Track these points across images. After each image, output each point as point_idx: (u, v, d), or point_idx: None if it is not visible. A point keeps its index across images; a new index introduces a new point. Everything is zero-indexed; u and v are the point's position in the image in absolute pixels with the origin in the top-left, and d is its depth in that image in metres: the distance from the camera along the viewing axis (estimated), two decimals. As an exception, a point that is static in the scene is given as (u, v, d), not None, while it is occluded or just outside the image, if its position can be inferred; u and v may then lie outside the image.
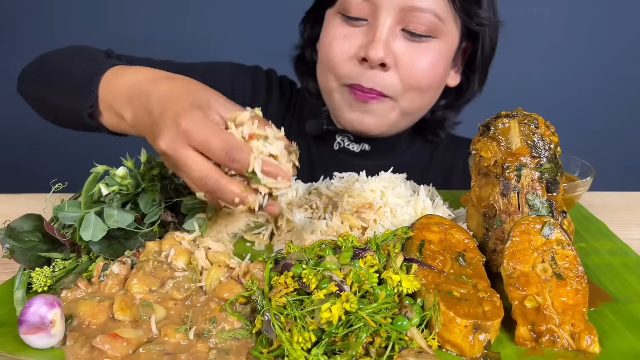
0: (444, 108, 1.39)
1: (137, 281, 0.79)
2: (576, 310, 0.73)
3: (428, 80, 1.21)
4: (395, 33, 1.17)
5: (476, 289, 0.74)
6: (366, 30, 1.19)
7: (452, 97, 1.39)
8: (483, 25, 1.23)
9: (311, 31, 1.36)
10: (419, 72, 1.19)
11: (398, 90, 1.20)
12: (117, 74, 0.98)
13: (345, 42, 1.20)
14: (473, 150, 0.92)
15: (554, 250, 0.79)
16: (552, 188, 0.86)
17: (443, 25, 1.17)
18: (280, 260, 0.81)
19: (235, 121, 0.79)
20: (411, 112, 1.27)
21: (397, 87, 1.19)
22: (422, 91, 1.23)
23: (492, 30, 1.28)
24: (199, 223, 0.93)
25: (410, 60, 1.18)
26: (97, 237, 0.85)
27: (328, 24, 1.25)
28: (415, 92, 1.22)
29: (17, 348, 0.69)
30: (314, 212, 1.00)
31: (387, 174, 1.05)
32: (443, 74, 1.25)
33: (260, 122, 0.80)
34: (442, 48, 1.21)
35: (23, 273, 0.84)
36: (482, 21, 1.22)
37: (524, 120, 0.88)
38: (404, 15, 1.15)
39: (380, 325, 0.67)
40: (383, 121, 1.25)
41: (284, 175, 0.79)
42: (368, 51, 1.15)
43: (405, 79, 1.19)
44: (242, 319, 0.73)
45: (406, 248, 0.83)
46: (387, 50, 1.15)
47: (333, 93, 1.26)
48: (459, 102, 1.39)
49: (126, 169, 0.93)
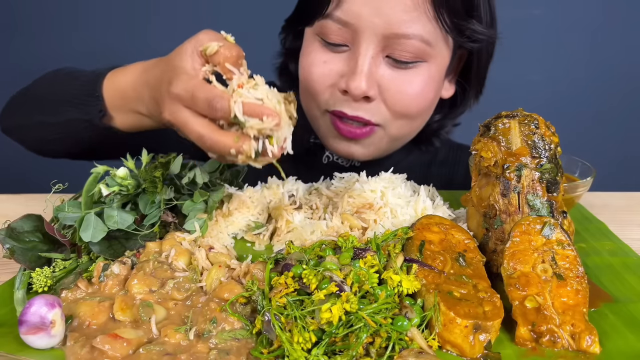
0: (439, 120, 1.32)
1: (137, 281, 0.79)
2: (576, 310, 0.73)
3: (417, 107, 1.13)
4: (378, 61, 1.06)
5: (476, 289, 0.74)
6: (347, 57, 1.08)
7: (447, 109, 1.31)
8: (478, 41, 1.13)
9: (293, 42, 1.27)
10: (407, 100, 1.10)
11: (386, 117, 1.12)
12: (116, 75, 1.00)
13: (325, 69, 1.10)
14: (473, 150, 0.92)
15: (554, 250, 0.79)
16: (552, 188, 0.86)
17: (431, 48, 1.07)
18: (280, 260, 0.81)
19: (206, 52, 0.80)
20: (401, 137, 1.21)
21: (384, 114, 1.11)
22: (412, 117, 1.15)
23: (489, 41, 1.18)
24: (199, 223, 0.93)
25: (397, 89, 1.08)
26: (97, 238, 0.85)
27: (307, 46, 1.14)
28: (404, 118, 1.14)
29: (17, 348, 0.69)
30: (313, 212, 1.00)
31: (387, 174, 1.05)
32: (434, 96, 1.16)
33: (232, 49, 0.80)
34: (432, 70, 1.10)
35: (23, 273, 0.84)
36: (477, 36, 1.11)
37: (524, 120, 0.88)
38: (387, 42, 1.04)
39: (380, 325, 0.67)
40: (371, 150, 1.19)
41: (268, 112, 0.76)
42: (349, 83, 1.05)
43: (392, 108, 1.10)
44: (242, 319, 0.73)
45: (406, 248, 0.83)
46: (370, 82, 1.06)
47: (316, 119, 1.19)
48: (454, 113, 1.32)
49: (126, 169, 0.93)
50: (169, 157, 0.99)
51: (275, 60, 1.35)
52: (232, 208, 0.99)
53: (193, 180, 0.94)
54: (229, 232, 0.98)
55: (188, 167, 0.97)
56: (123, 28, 2.43)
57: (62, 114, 1.05)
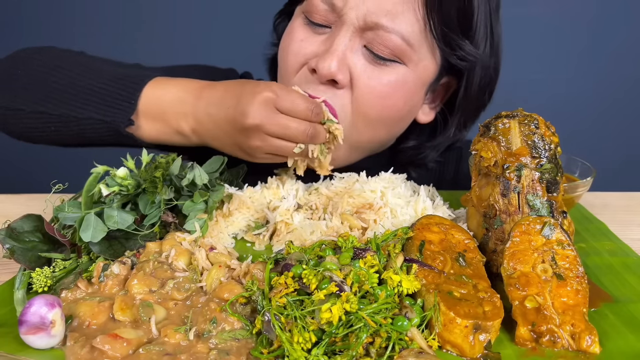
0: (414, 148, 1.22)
1: (137, 281, 0.79)
2: (576, 310, 0.73)
3: (379, 109, 1.04)
4: (354, 48, 1.02)
5: (476, 289, 0.74)
6: (325, 39, 1.04)
7: (425, 136, 1.22)
8: (466, 61, 1.06)
9: (282, 25, 1.21)
10: (372, 97, 1.03)
11: (347, 111, 1.04)
12: (158, 85, 1.00)
13: (301, 46, 1.05)
14: (473, 150, 0.92)
15: (554, 250, 0.79)
16: (552, 188, 0.86)
17: (412, 51, 1.01)
18: (280, 260, 0.81)
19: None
20: (361, 146, 1.11)
21: (346, 107, 1.04)
22: (370, 121, 1.06)
23: (483, 68, 1.10)
24: (199, 223, 0.93)
25: (366, 83, 1.02)
26: (97, 238, 0.85)
27: (292, 23, 1.11)
28: (364, 120, 1.05)
29: (17, 348, 0.69)
30: (313, 212, 1.00)
31: (387, 174, 1.05)
32: (402, 105, 1.07)
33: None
34: (408, 76, 1.04)
35: (23, 273, 0.84)
36: (465, 56, 1.04)
37: (524, 120, 0.88)
38: (367, 31, 1.00)
39: (380, 325, 0.67)
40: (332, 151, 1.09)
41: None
42: (319, 61, 1.00)
43: (355, 102, 1.03)
44: (242, 319, 0.73)
45: (406, 248, 0.83)
46: (341, 65, 1.00)
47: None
48: (432, 142, 1.21)
49: (126, 169, 0.93)
50: (169, 158, 0.99)
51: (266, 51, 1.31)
52: (232, 208, 0.99)
53: (193, 181, 0.94)
54: (229, 232, 0.98)
55: (188, 168, 0.97)
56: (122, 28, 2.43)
57: (76, 109, 1.00)
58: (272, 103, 0.91)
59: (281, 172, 1.10)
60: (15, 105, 1.03)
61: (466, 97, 1.13)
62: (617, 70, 2.55)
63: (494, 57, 1.12)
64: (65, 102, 1.01)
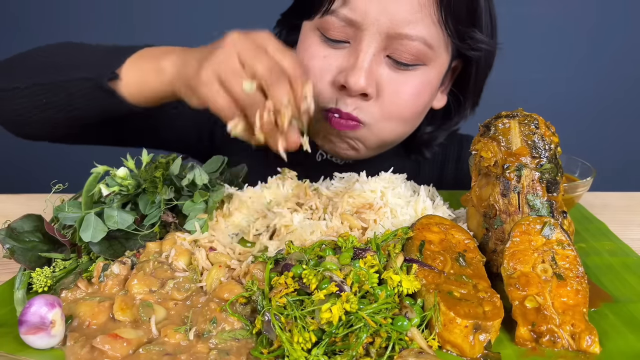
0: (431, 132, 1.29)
1: (137, 281, 0.79)
2: (576, 310, 0.73)
3: (411, 110, 1.12)
4: (379, 60, 1.06)
5: (476, 289, 0.74)
6: (347, 53, 1.07)
7: (439, 120, 1.29)
8: (478, 50, 1.12)
9: (287, 37, 1.25)
10: (402, 102, 1.09)
11: (376, 118, 1.10)
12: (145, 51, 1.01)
13: (325, 63, 1.08)
14: (473, 150, 0.92)
15: (554, 250, 0.79)
16: (552, 188, 0.86)
17: (432, 52, 1.06)
18: (280, 260, 0.81)
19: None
20: (389, 140, 1.18)
21: (375, 115, 1.09)
22: (403, 120, 1.14)
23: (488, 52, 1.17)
24: (200, 223, 0.93)
25: (394, 90, 1.07)
26: (97, 238, 0.85)
27: (306, 40, 1.12)
28: (396, 121, 1.12)
29: (17, 348, 0.69)
30: (313, 212, 1.00)
31: (387, 174, 1.05)
32: (428, 101, 1.15)
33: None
34: (430, 75, 1.10)
35: (23, 273, 0.84)
36: (478, 45, 1.11)
37: (524, 120, 0.88)
38: (389, 41, 1.04)
39: (380, 325, 0.67)
40: (361, 150, 1.17)
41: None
42: (348, 78, 1.03)
43: (387, 108, 1.09)
44: (242, 319, 0.73)
45: (406, 248, 0.83)
46: (370, 79, 1.04)
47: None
48: (448, 124, 1.29)
49: (126, 169, 0.93)
50: (169, 158, 0.99)
51: None
52: (232, 208, 0.99)
53: (193, 181, 0.94)
54: (229, 232, 0.98)
55: (188, 168, 0.97)
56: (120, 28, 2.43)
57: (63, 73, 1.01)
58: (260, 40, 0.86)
59: (283, 171, 1.10)
60: (13, 85, 1.05)
61: (477, 80, 1.20)
62: (617, 70, 2.55)
63: (494, 33, 1.17)
64: (56, 70, 1.03)
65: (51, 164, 1.96)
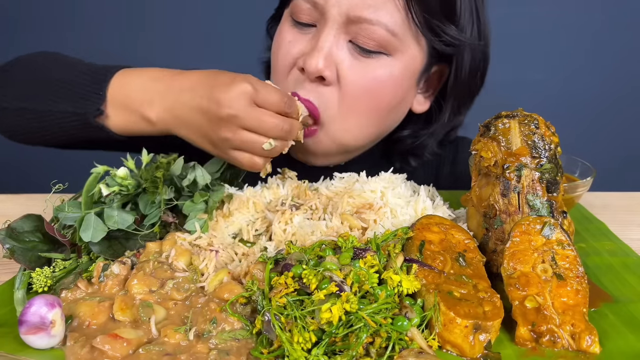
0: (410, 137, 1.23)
1: (137, 281, 0.79)
2: (576, 310, 0.73)
3: (369, 102, 1.06)
4: (340, 43, 1.03)
5: (476, 289, 0.74)
6: (311, 37, 1.06)
7: (421, 124, 1.23)
8: (452, 46, 1.07)
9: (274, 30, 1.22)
10: (361, 91, 1.04)
11: (334, 110, 1.06)
12: (129, 74, 0.99)
13: (289, 47, 1.08)
14: (473, 150, 0.92)
15: (554, 250, 0.79)
16: (552, 188, 0.86)
17: (398, 41, 1.02)
18: (280, 260, 0.81)
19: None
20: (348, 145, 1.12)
21: (333, 105, 1.05)
22: (360, 115, 1.07)
23: (471, 51, 1.11)
24: (200, 223, 0.93)
25: (354, 77, 1.03)
26: (97, 238, 0.85)
27: (279, 27, 1.13)
28: (354, 116, 1.07)
29: (17, 348, 0.69)
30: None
31: (387, 174, 1.05)
32: (390, 98, 1.08)
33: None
34: (395, 67, 1.05)
35: (23, 273, 0.84)
36: (451, 40, 1.05)
37: (524, 120, 0.88)
38: (351, 26, 1.01)
39: (380, 325, 0.67)
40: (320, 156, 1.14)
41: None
42: (306, 59, 1.02)
43: (344, 97, 1.04)
44: (242, 319, 0.73)
45: (406, 248, 0.83)
46: (328, 61, 1.02)
47: None
48: (428, 129, 1.22)
49: (126, 169, 0.93)
50: (170, 158, 0.99)
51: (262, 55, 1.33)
52: (232, 208, 0.99)
53: (194, 181, 0.94)
54: (229, 232, 0.98)
55: (190, 168, 0.97)
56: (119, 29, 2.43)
57: (51, 103, 1.00)
58: (248, 95, 0.88)
59: (283, 171, 1.10)
60: (2, 105, 1.06)
61: (457, 82, 1.14)
62: (618, 70, 2.55)
63: (483, 40, 1.13)
64: (41, 97, 1.03)
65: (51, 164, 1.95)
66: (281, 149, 0.94)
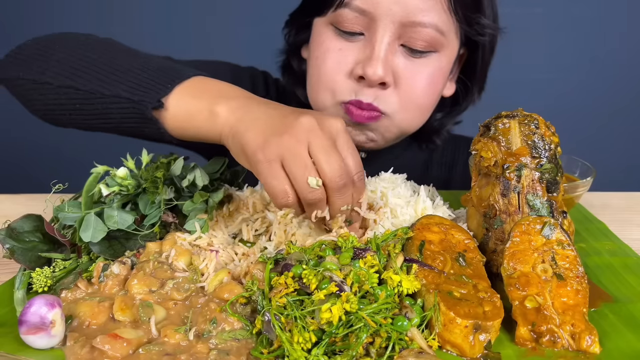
0: (441, 119, 1.34)
1: (137, 281, 0.79)
2: (576, 310, 0.73)
3: (427, 97, 1.16)
4: (394, 49, 1.09)
5: (476, 289, 0.74)
6: (362, 45, 1.10)
7: (448, 108, 1.33)
8: (484, 35, 1.17)
9: (296, 37, 1.27)
10: (419, 89, 1.13)
11: (396, 107, 1.13)
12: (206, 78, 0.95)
13: (341, 56, 1.11)
14: (473, 150, 0.92)
15: (554, 250, 0.79)
16: (552, 188, 0.86)
17: (444, 38, 1.10)
18: (280, 260, 0.81)
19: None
20: (408, 131, 1.23)
21: (395, 104, 1.13)
22: (420, 109, 1.18)
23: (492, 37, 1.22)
24: (200, 223, 0.93)
25: (411, 77, 1.11)
26: (97, 238, 0.85)
27: (319, 36, 1.15)
28: (414, 109, 1.16)
29: (17, 348, 0.69)
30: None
31: (387, 174, 1.05)
32: (441, 88, 1.20)
33: None
34: (442, 61, 1.14)
35: (23, 273, 0.84)
36: (484, 30, 1.16)
37: (524, 120, 0.88)
38: (403, 30, 1.07)
39: (380, 325, 0.67)
40: (379, 141, 1.20)
41: None
42: (365, 68, 1.07)
43: (404, 97, 1.12)
44: (242, 319, 0.73)
45: (406, 248, 0.83)
46: (386, 68, 1.08)
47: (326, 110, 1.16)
48: (456, 110, 1.34)
49: (126, 169, 0.93)
50: (170, 158, 0.99)
51: (278, 58, 1.35)
52: (232, 208, 0.99)
53: (193, 182, 0.94)
54: (229, 232, 0.98)
55: (189, 169, 0.97)
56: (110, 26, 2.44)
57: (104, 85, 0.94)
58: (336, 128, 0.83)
59: None
60: (43, 79, 0.99)
61: (483, 65, 1.25)
62: (618, 70, 2.55)
63: (496, 18, 1.21)
64: (96, 78, 0.96)
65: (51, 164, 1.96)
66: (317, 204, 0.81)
